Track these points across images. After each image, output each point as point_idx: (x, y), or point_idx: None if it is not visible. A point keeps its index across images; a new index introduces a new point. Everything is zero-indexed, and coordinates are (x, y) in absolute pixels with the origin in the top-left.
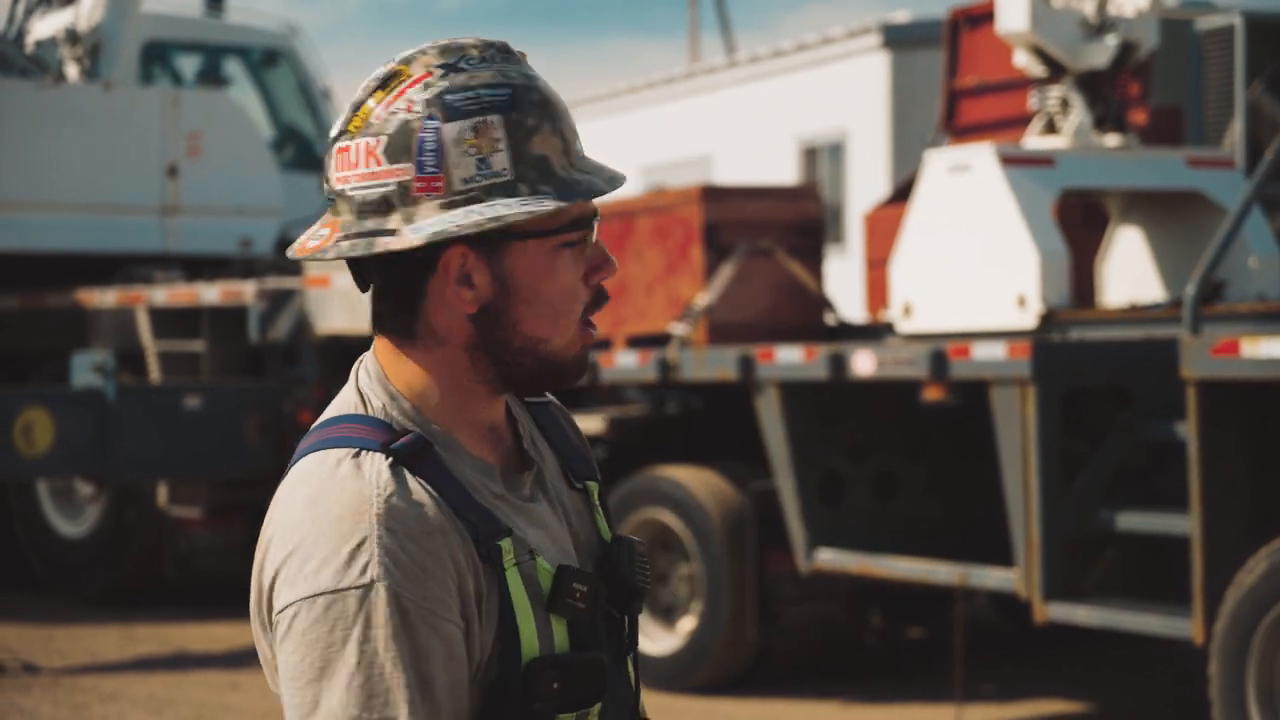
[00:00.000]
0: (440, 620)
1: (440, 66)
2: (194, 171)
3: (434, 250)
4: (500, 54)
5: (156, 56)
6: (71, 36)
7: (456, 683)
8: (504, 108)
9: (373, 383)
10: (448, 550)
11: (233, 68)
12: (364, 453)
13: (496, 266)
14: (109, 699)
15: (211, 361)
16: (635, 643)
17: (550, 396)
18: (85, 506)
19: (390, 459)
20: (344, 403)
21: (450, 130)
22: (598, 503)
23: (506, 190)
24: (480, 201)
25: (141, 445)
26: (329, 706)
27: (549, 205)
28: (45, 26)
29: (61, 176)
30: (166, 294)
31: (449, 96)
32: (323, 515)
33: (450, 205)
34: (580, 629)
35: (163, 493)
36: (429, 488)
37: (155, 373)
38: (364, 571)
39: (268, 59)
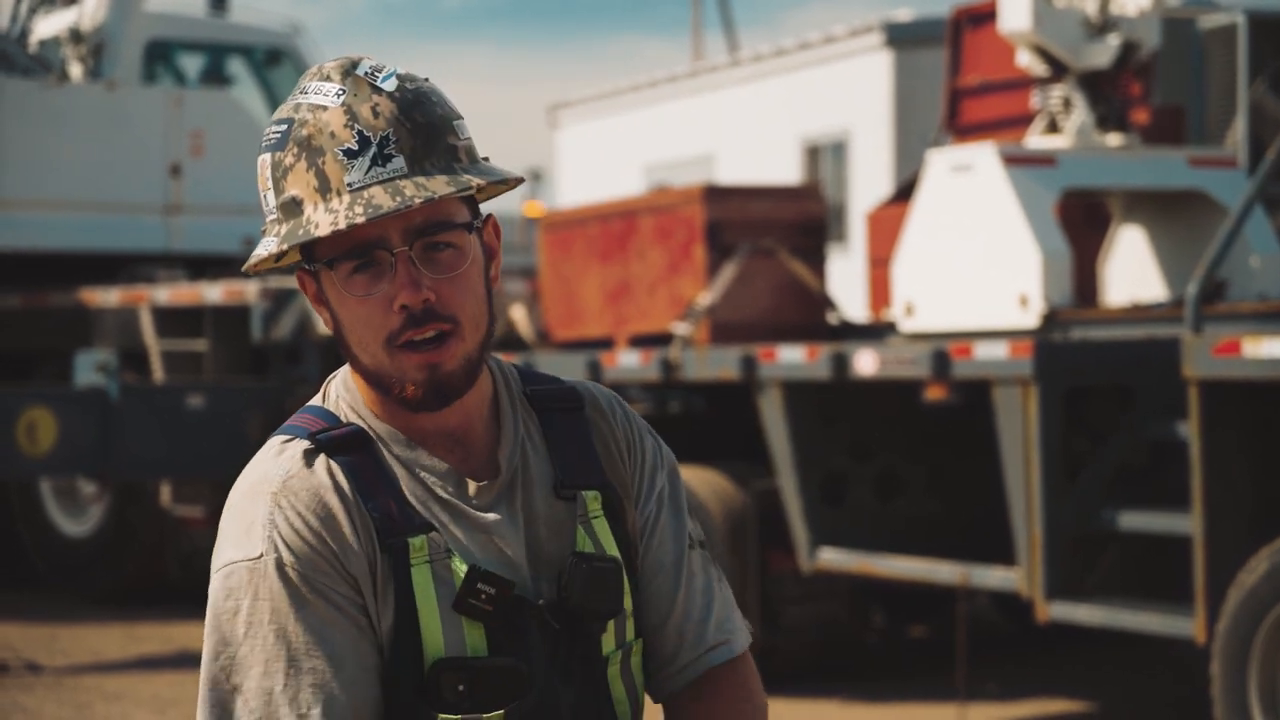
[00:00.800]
0: (333, 590)
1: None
2: (197, 171)
3: (300, 271)
4: (332, 78)
5: (160, 56)
6: (75, 36)
7: (363, 648)
8: (274, 146)
9: (340, 378)
10: (344, 532)
11: (236, 67)
12: (295, 440)
13: (323, 291)
14: (113, 698)
15: (214, 361)
16: (597, 657)
17: (596, 399)
18: (88, 506)
19: (311, 445)
20: (317, 394)
21: (257, 165)
22: (597, 511)
23: (272, 227)
24: (266, 235)
25: (144, 444)
26: (219, 672)
27: (270, 248)
28: (49, 26)
29: (65, 175)
30: (169, 293)
31: (265, 129)
32: (238, 496)
33: (264, 234)
34: (498, 634)
35: (166, 492)
36: (340, 475)
37: (158, 372)
38: (256, 545)
39: (271, 58)
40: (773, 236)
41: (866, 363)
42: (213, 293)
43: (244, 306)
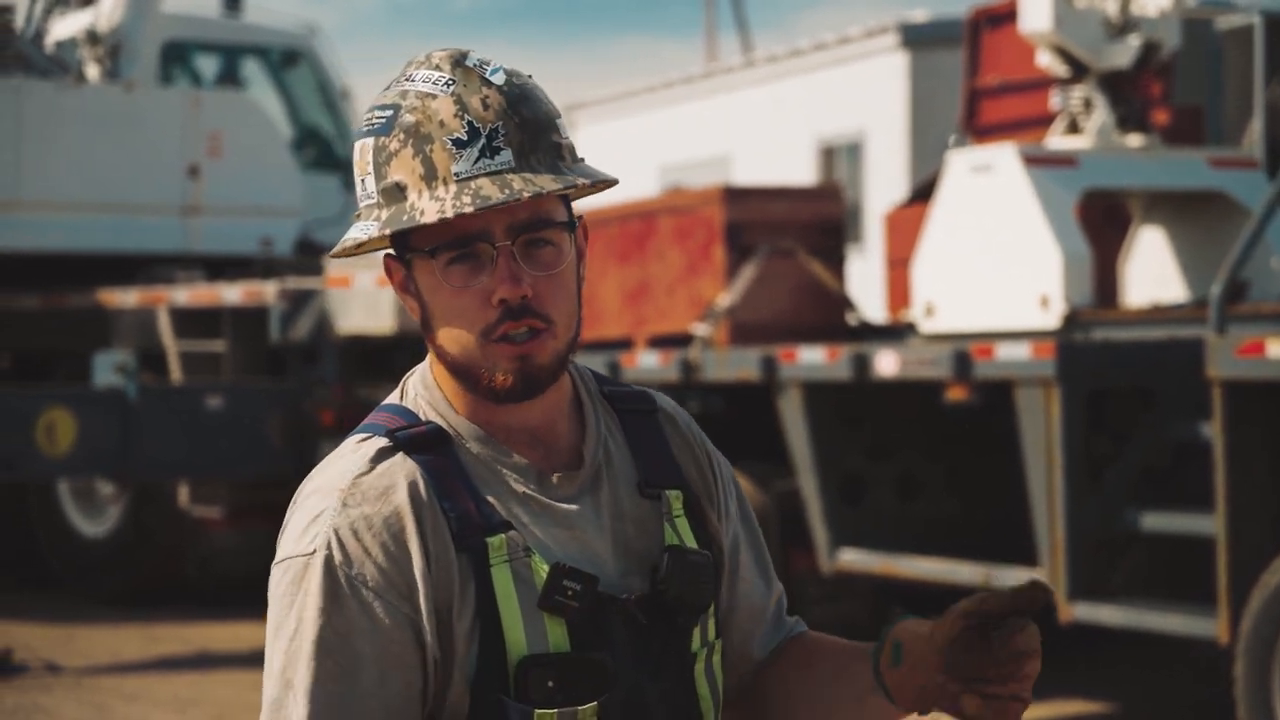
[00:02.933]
0: (376, 598)
1: (392, 80)
2: (215, 172)
3: (389, 258)
4: (441, 67)
5: (176, 57)
6: (92, 37)
7: (390, 659)
8: (379, 131)
9: (418, 375)
10: (410, 534)
11: (252, 68)
12: (372, 437)
13: (415, 280)
14: (131, 699)
15: (233, 362)
16: (687, 654)
17: (665, 405)
18: (106, 506)
19: (389, 443)
20: (392, 393)
21: (354, 150)
22: (680, 511)
23: (370, 212)
24: (361, 220)
25: (163, 445)
26: (270, 664)
27: (370, 233)
28: (66, 27)
29: (83, 176)
30: (188, 294)
31: (365, 115)
32: (308, 492)
33: (357, 218)
34: (582, 629)
35: (184, 493)
36: (417, 474)
37: (176, 373)
38: (312, 541)
39: (287, 59)
40: (792, 237)
41: (888, 363)
42: (231, 294)
43: (262, 307)
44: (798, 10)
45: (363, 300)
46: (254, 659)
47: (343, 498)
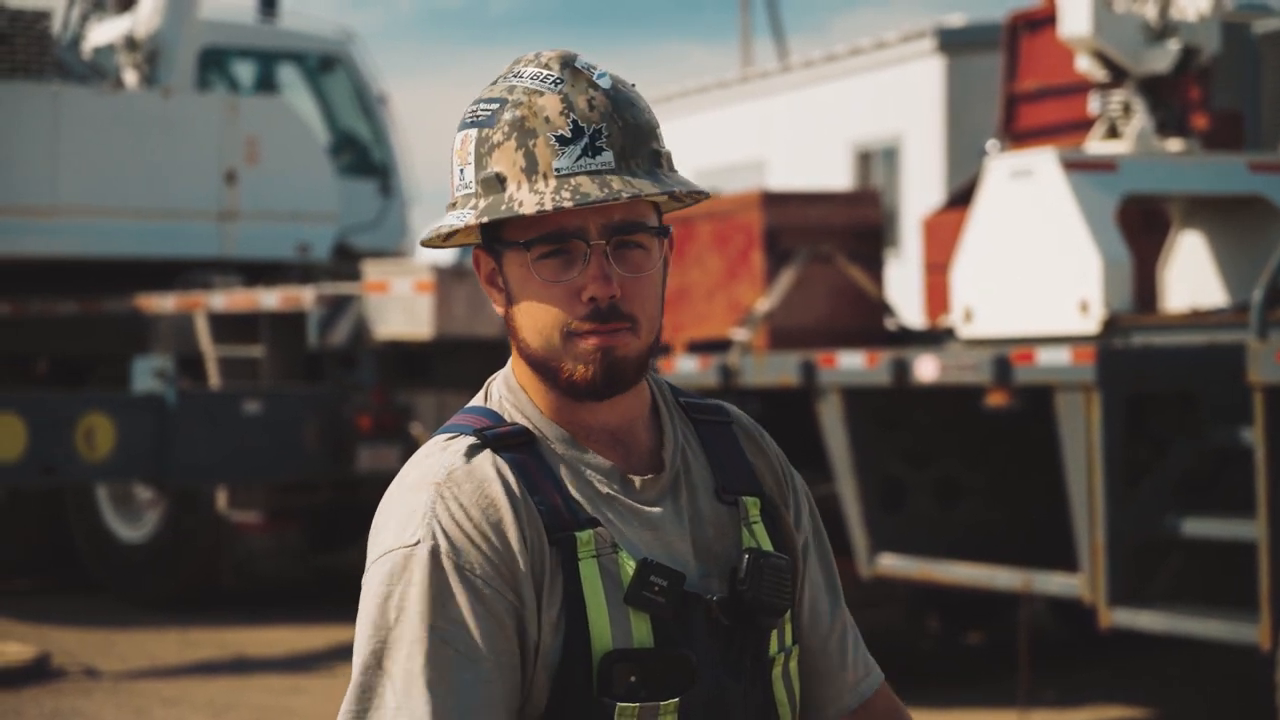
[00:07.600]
0: (485, 585)
1: (498, 76)
2: (252, 177)
3: (478, 250)
4: (550, 66)
5: (213, 63)
6: (130, 43)
7: (501, 645)
8: (483, 123)
9: (500, 378)
10: (508, 525)
11: (289, 73)
12: (460, 436)
13: (503, 272)
14: (170, 703)
15: (270, 367)
16: (765, 656)
17: (740, 417)
18: (144, 511)
19: (477, 441)
20: (477, 395)
21: (454, 140)
22: (757, 517)
23: (466, 201)
24: (456, 209)
25: (201, 450)
26: (360, 652)
27: (466, 220)
28: (103, 33)
29: (120, 182)
30: (225, 299)
31: (469, 107)
32: (400, 489)
33: (451, 208)
34: (666, 627)
35: (222, 497)
36: (507, 470)
37: (214, 378)
38: (415, 533)
39: (324, 64)
40: (830, 242)
41: (928, 369)
42: (269, 299)
43: (300, 312)
44: (833, 15)
45: (400, 305)
46: (291, 664)
47: (439, 490)
